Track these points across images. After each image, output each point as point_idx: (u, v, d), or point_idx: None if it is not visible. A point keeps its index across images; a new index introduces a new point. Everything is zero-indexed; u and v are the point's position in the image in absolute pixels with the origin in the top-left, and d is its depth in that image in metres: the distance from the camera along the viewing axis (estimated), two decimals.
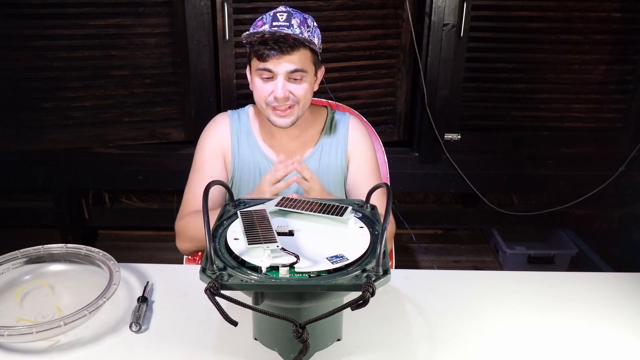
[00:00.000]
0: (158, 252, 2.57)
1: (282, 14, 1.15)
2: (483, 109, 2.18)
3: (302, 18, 1.16)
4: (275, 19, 1.14)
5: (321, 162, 1.32)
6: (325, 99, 1.57)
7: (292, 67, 1.15)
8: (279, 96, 1.16)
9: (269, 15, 1.16)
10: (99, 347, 0.91)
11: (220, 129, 1.33)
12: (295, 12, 1.17)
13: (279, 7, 1.18)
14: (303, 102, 1.21)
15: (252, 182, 1.32)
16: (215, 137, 1.33)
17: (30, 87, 2.00)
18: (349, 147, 1.34)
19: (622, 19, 2.03)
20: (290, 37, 1.13)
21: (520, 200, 2.69)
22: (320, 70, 1.25)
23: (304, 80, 1.18)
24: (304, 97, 1.20)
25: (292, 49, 1.14)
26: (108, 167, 2.21)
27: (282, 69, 1.15)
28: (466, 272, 1.21)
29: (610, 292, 1.10)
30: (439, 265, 2.54)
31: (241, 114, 1.35)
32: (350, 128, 1.35)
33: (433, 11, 2.00)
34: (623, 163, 2.20)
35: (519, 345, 0.94)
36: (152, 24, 1.98)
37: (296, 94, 1.18)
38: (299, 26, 1.14)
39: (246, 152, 1.32)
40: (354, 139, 1.34)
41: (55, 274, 1.06)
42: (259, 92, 1.20)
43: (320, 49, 1.22)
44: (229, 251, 0.81)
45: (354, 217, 0.92)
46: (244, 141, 1.32)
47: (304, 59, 1.16)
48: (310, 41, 1.15)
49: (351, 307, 0.71)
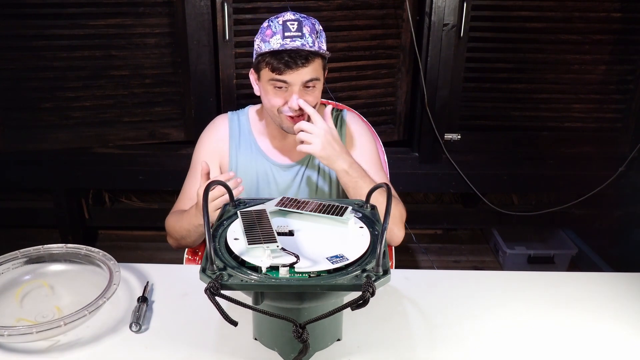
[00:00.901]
0: (158, 252, 2.57)
1: (293, 24, 1.13)
2: (483, 109, 2.18)
3: (311, 25, 1.15)
4: (287, 29, 1.12)
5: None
6: (325, 99, 1.57)
7: (307, 77, 1.15)
8: (295, 107, 1.16)
9: (277, 23, 1.14)
10: (99, 347, 0.91)
11: (218, 131, 1.34)
12: (304, 17, 1.16)
13: (286, 14, 1.15)
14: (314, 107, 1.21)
15: (252, 183, 1.32)
16: (212, 140, 1.33)
17: (30, 87, 2.00)
18: (346, 141, 1.34)
19: (622, 19, 2.03)
20: (305, 51, 1.12)
21: (520, 200, 2.69)
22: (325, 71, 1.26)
23: (316, 87, 1.19)
24: (317, 103, 1.21)
25: (307, 62, 1.13)
26: (108, 167, 2.21)
27: (297, 80, 1.15)
28: (466, 272, 1.21)
29: (610, 292, 1.10)
30: (439, 265, 2.54)
31: (241, 115, 1.35)
32: (347, 123, 1.35)
33: (433, 11, 2.00)
34: (623, 163, 2.19)
35: (519, 345, 0.94)
36: (152, 24, 1.98)
37: (309, 102, 1.18)
38: (310, 34, 1.13)
39: (245, 153, 1.32)
40: (351, 133, 1.34)
41: (55, 274, 1.06)
42: (271, 102, 1.19)
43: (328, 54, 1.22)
44: (229, 251, 0.81)
45: (354, 217, 0.92)
46: (243, 143, 1.32)
47: (317, 67, 1.16)
48: (323, 51, 1.16)
49: (351, 307, 0.71)
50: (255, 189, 1.32)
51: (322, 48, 1.16)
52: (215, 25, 1.97)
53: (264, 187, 1.32)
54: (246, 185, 1.33)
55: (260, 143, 1.33)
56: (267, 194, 1.31)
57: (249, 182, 1.32)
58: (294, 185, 1.32)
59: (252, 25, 1.96)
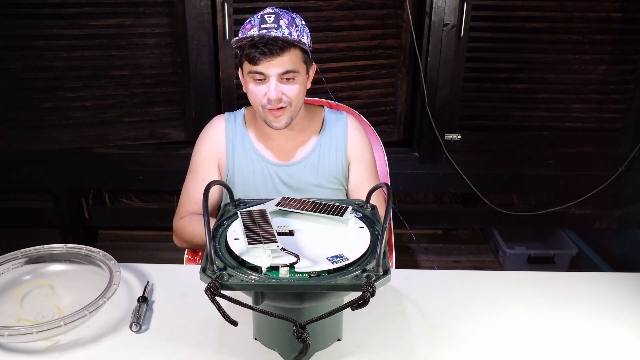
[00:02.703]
0: (158, 252, 2.58)
1: (270, 16, 1.15)
2: (483, 109, 2.18)
3: (289, 18, 1.16)
4: (264, 21, 1.14)
5: (320, 162, 1.32)
6: (325, 99, 1.57)
7: (283, 68, 1.15)
8: (272, 97, 1.17)
9: (256, 17, 1.16)
10: (99, 347, 0.91)
11: (215, 132, 1.34)
12: (283, 12, 1.17)
13: (266, 9, 1.17)
14: (295, 102, 1.21)
15: (248, 183, 1.32)
16: (210, 141, 1.33)
17: (30, 87, 2.00)
18: (348, 148, 1.34)
19: (622, 19, 2.03)
20: (279, 39, 1.13)
21: (520, 200, 2.69)
22: (312, 68, 1.26)
23: (295, 80, 1.18)
24: (297, 98, 1.20)
25: (282, 51, 1.14)
26: (108, 167, 2.21)
27: (273, 71, 1.15)
28: (466, 272, 1.21)
29: (610, 292, 1.10)
30: (439, 265, 2.54)
31: (237, 116, 1.36)
32: (349, 128, 1.35)
33: (433, 11, 2.00)
34: (623, 163, 2.19)
35: (519, 345, 0.94)
36: (152, 24, 1.98)
37: (288, 94, 1.18)
38: (287, 26, 1.14)
39: (241, 154, 1.32)
40: (354, 140, 1.34)
41: (55, 274, 1.06)
42: (253, 96, 1.21)
43: (310, 47, 1.22)
44: (229, 251, 0.81)
45: (354, 217, 0.92)
46: (238, 144, 1.32)
47: (294, 59, 1.16)
48: (299, 41, 1.15)
49: (351, 307, 0.71)
50: (253, 189, 1.32)
51: (301, 40, 1.16)
52: (215, 25, 1.97)
53: (262, 187, 1.32)
54: (244, 186, 1.33)
55: (255, 143, 1.33)
56: (264, 193, 1.31)
57: (247, 183, 1.32)
58: (293, 184, 1.32)
59: None
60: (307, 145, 1.33)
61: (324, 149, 1.33)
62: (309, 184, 1.33)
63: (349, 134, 1.34)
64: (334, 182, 1.34)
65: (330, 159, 1.33)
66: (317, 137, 1.33)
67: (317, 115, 1.36)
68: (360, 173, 1.35)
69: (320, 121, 1.35)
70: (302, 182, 1.32)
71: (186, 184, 1.35)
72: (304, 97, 1.25)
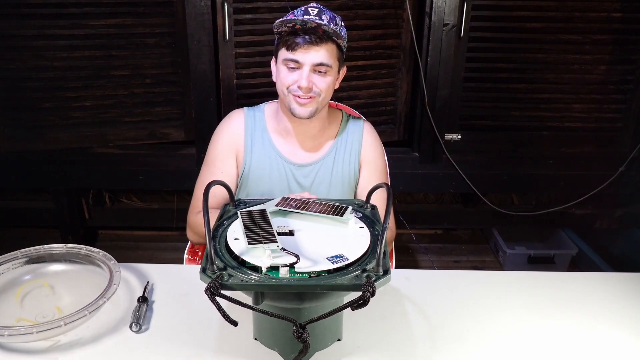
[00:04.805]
0: (158, 252, 2.58)
1: (314, 9, 1.19)
2: (483, 109, 2.18)
3: (331, 15, 1.20)
4: (307, 13, 1.18)
5: (335, 164, 1.33)
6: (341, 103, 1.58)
7: (319, 59, 1.18)
8: (303, 85, 1.19)
9: (300, 9, 1.19)
10: (99, 347, 0.91)
11: (234, 125, 1.34)
12: (326, 9, 1.20)
13: (311, 3, 1.21)
14: (324, 95, 1.23)
15: (263, 179, 1.33)
16: (229, 133, 1.34)
17: (30, 87, 2.00)
18: (362, 152, 1.36)
19: (622, 19, 2.03)
20: (320, 28, 1.16)
21: (520, 200, 2.69)
22: (343, 70, 1.28)
23: (328, 74, 1.21)
24: (326, 91, 1.23)
25: (320, 41, 1.17)
26: (108, 167, 2.20)
27: (309, 59, 1.18)
28: (466, 272, 1.21)
29: (610, 292, 1.11)
30: (439, 265, 2.54)
31: (257, 111, 1.36)
32: (364, 134, 1.37)
33: (433, 11, 2.00)
34: (623, 163, 2.19)
35: (519, 345, 0.94)
36: (152, 24, 1.98)
37: (319, 86, 1.21)
38: (329, 22, 1.17)
39: (260, 149, 1.32)
40: (368, 145, 1.36)
41: (55, 274, 1.06)
42: (282, 80, 1.22)
43: (345, 47, 1.24)
44: (229, 251, 0.81)
45: (354, 217, 0.92)
46: (258, 139, 1.33)
47: (330, 53, 1.19)
48: (338, 35, 1.18)
49: (351, 307, 0.71)
50: (268, 185, 1.33)
51: (340, 35, 1.19)
52: (215, 25, 1.97)
53: (276, 184, 1.32)
54: (260, 182, 1.33)
55: (274, 141, 1.33)
56: (278, 191, 1.32)
57: (262, 179, 1.33)
58: (306, 184, 1.33)
59: (252, 25, 1.96)
60: (325, 147, 1.34)
61: (339, 152, 1.34)
62: (321, 185, 1.33)
63: (364, 139, 1.36)
64: (345, 185, 1.34)
65: (345, 162, 1.34)
66: (334, 140, 1.35)
67: (336, 118, 1.37)
68: (369, 177, 1.36)
69: (338, 124, 1.37)
70: (316, 183, 1.33)
71: (202, 177, 1.34)
72: (331, 94, 1.27)
